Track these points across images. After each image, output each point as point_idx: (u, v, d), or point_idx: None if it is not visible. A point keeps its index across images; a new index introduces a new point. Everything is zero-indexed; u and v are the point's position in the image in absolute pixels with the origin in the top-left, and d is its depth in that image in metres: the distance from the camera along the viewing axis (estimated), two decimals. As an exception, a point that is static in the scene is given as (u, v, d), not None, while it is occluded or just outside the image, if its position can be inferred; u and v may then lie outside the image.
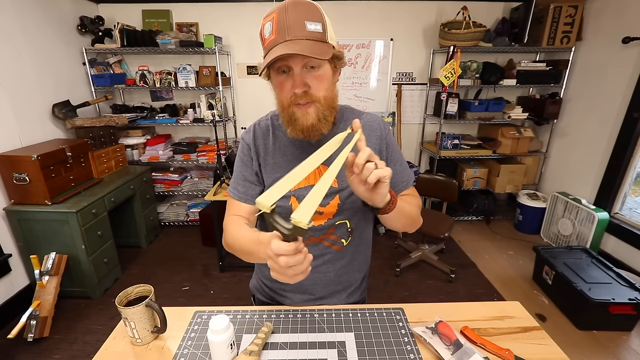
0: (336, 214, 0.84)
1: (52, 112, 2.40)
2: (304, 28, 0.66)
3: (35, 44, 2.27)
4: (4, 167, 1.93)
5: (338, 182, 0.83)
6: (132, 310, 0.70)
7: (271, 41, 0.67)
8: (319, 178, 0.87)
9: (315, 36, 0.67)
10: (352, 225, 0.87)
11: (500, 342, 0.74)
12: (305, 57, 0.66)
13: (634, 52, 2.30)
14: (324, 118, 0.74)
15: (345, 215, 0.85)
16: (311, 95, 0.71)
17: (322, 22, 0.69)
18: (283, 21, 0.66)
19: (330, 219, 0.84)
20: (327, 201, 0.84)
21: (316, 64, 0.69)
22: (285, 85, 0.71)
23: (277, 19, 0.67)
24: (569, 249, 2.33)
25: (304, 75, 0.70)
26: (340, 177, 0.84)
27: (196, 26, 2.99)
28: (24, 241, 2.05)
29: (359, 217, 0.87)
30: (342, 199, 0.83)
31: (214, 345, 0.65)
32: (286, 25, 0.65)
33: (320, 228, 0.85)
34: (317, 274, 0.88)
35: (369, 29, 3.06)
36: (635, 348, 1.80)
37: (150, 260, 2.68)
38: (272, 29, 0.67)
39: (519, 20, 2.78)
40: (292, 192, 0.84)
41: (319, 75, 0.71)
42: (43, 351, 1.78)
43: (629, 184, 2.45)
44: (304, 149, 0.84)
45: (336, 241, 0.87)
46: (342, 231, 0.86)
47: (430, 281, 2.42)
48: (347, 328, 0.78)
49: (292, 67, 0.69)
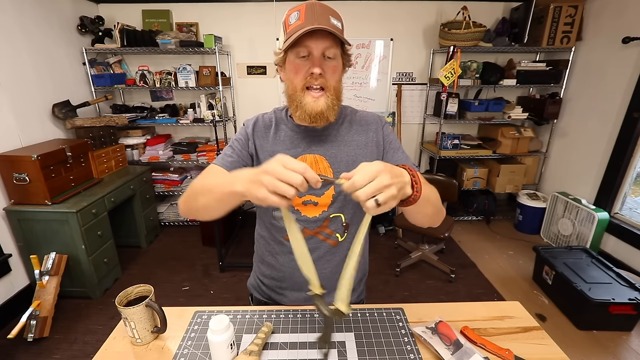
0: (330, 206, 0.85)
1: (52, 112, 2.39)
2: (329, 20, 0.73)
3: (35, 43, 2.27)
4: (4, 167, 1.93)
5: (334, 173, 0.85)
6: (132, 310, 0.71)
7: (298, 25, 0.73)
8: (318, 167, 0.88)
9: (337, 30, 0.75)
10: (346, 219, 0.87)
11: (500, 342, 0.74)
12: (326, 44, 0.74)
13: (634, 52, 2.30)
14: (332, 106, 0.79)
15: (340, 208, 0.86)
16: (325, 80, 0.77)
17: (342, 23, 0.79)
18: (312, 11, 0.73)
19: (324, 210, 0.86)
20: (322, 191, 0.85)
21: (333, 54, 0.76)
22: (302, 68, 0.76)
23: (306, 9, 0.74)
24: (569, 249, 2.33)
25: (322, 60, 0.76)
26: (335, 169, 0.85)
27: (196, 26, 2.99)
28: (24, 241, 2.04)
29: (354, 211, 0.88)
30: (336, 189, 0.85)
31: (214, 345, 0.65)
32: (314, 15, 0.73)
33: (314, 220, 0.86)
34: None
35: (369, 29, 3.06)
36: (635, 348, 1.80)
37: (150, 260, 2.68)
38: (300, 16, 0.74)
39: (519, 20, 2.78)
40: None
41: (333, 66, 0.77)
42: (43, 351, 1.78)
43: (629, 184, 2.45)
44: (308, 135, 0.87)
45: (331, 235, 0.87)
46: (336, 225, 0.87)
47: (430, 281, 2.42)
48: (347, 328, 0.78)
49: (313, 51, 0.74)
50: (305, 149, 0.86)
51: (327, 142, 0.87)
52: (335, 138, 0.87)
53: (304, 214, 0.86)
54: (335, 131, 0.88)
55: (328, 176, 0.60)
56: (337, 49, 0.77)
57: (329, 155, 0.86)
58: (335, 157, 0.86)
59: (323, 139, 0.87)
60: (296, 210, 0.87)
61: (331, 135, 0.87)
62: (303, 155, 0.85)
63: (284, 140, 0.87)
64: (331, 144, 0.87)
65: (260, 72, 3.15)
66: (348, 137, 0.88)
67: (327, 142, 0.87)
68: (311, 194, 0.86)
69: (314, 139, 0.87)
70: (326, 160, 0.86)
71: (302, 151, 0.86)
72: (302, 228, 0.87)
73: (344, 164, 0.85)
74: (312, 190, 0.85)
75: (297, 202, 0.86)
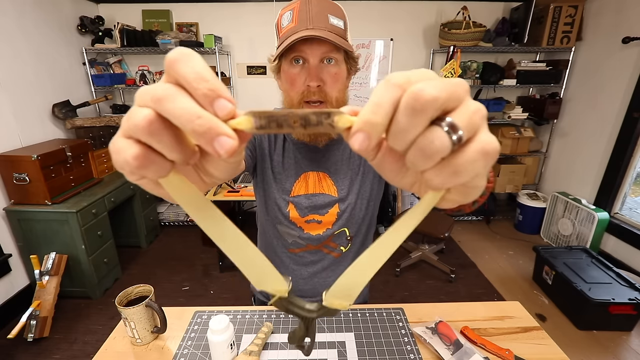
0: (335, 223, 0.83)
1: (52, 112, 2.39)
2: (326, 20, 0.64)
3: (35, 44, 2.27)
4: (4, 167, 1.93)
5: (338, 191, 0.81)
6: (132, 311, 0.71)
7: (290, 29, 0.64)
8: (321, 184, 0.83)
9: (337, 31, 0.65)
10: (351, 233, 0.85)
11: (500, 342, 0.74)
12: (324, 50, 0.64)
13: (633, 52, 2.30)
14: None
15: (345, 224, 0.83)
16: (325, 93, 0.67)
17: (344, 21, 0.68)
18: (306, 11, 0.63)
19: (329, 228, 0.83)
20: (326, 210, 0.82)
21: (334, 57, 0.66)
22: (297, 79, 0.67)
23: (299, 8, 0.64)
24: (569, 249, 2.33)
25: (320, 69, 0.66)
26: (339, 185, 0.81)
27: (196, 26, 2.99)
28: (24, 241, 2.04)
29: (360, 224, 0.85)
30: (341, 208, 0.82)
31: (214, 345, 0.65)
32: (309, 16, 0.63)
33: (318, 238, 0.83)
34: (316, 280, 0.88)
35: (369, 29, 3.06)
36: (635, 348, 1.80)
37: (150, 260, 2.68)
38: (293, 18, 0.64)
39: (519, 20, 2.78)
40: (290, 199, 0.82)
41: (335, 73, 0.67)
42: (43, 351, 1.78)
43: (629, 184, 2.45)
44: (309, 154, 0.81)
45: (335, 248, 0.86)
46: (341, 239, 0.85)
47: (430, 281, 2.42)
48: (347, 328, 0.78)
49: (309, 59, 0.65)
50: (308, 165, 0.81)
51: (330, 159, 0.81)
52: (337, 152, 0.82)
53: (307, 231, 0.83)
54: (337, 149, 0.82)
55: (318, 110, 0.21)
56: (338, 53, 0.67)
57: (332, 171, 0.81)
58: (338, 174, 0.82)
59: (326, 156, 0.81)
60: (298, 228, 0.83)
61: (334, 152, 0.82)
62: (305, 172, 0.81)
63: (286, 151, 0.81)
64: (334, 161, 0.81)
65: (260, 72, 3.15)
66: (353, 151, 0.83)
67: (330, 159, 0.81)
68: (314, 213, 0.81)
69: (317, 155, 0.81)
70: (330, 178, 0.82)
71: (305, 168, 0.81)
72: (306, 244, 0.85)
73: (349, 180, 0.82)
74: (315, 210, 0.81)
75: (300, 221, 0.82)
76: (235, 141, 0.18)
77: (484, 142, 0.18)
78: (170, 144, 0.19)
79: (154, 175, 0.20)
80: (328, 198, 0.82)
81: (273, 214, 0.84)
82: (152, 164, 0.19)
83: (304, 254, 0.87)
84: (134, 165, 0.19)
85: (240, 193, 2.26)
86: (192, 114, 0.18)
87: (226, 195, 2.26)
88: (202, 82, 0.18)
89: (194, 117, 0.18)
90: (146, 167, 0.19)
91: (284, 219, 0.83)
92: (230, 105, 0.19)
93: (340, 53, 0.67)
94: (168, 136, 0.18)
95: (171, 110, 0.18)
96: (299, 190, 0.82)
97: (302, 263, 0.87)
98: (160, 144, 0.19)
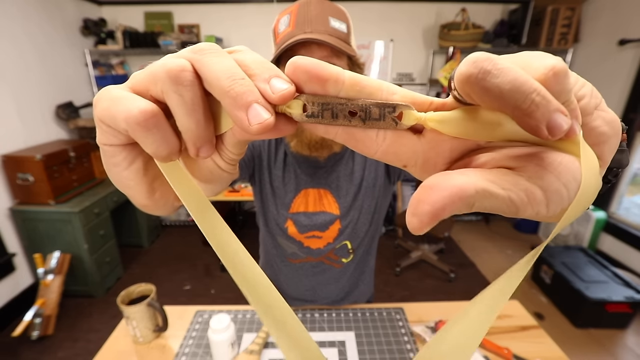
0: (336, 238, 0.80)
1: (55, 113, 2.41)
2: (327, 23, 0.58)
3: (39, 46, 2.29)
4: (9, 167, 1.95)
5: (340, 208, 0.78)
6: (133, 310, 0.71)
7: (287, 34, 0.59)
8: (322, 202, 0.78)
9: (339, 35, 0.59)
10: (353, 246, 0.82)
11: (499, 340, 0.75)
12: (323, 54, 0.57)
13: (630, 53, 2.31)
14: None
15: (347, 238, 0.81)
16: None
17: (347, 24, 0.62)
18: (304, 14, 0.58)
19: (330, 242, 0.80)
20: (327, 227, 0.78)
21: (334, 62, 0.58)
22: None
23: (297, 12, 0.59)
24: (566, 249, 2.35)
25: None
26: (341, 201, 0.78)
27: (197, 27, 3.00)
28: (28, 240, 2.07)
29: (362, 237, 0.82)
30: (343, 224, 0.79)
31: (215, 344, 0.66)
32: (307, 19, 0.58)
33: (318, 251, 0.81)
34: (317, 288, 0.87)
35: (368, 30, 3.07)
36: (630, 345, 1.81)
37: (152, 260, 2.70)
38: (290, 22, 0.59)
39: (517, 22, 2.79)
40: (289, 215, 0.79)
41: None
42: (47, 349, 1.80)
43: (626, 185, 2.47)
44: (309, 169, 0.76)
45: (336, 260, 0.84)
46: (342, 252, 0.83)
47: (430, 281, 2.44)
48: (347, 327, 0.79)
49: None
50: (308, 182, 0.76)
51: (332, 174, 0.77)
52: (339, 167, 0.77)
53: (307, 245, 0.80)
54: (339, 164, 0.77)
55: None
56: (340, 58, 0.61)
57: (333, 187, 0.77)
58: (340, 190, 0.77)
59: (328, 172, 0.77)
60: (298, 242, 0.80)
61: (336, 167, 0.77)
62: (305, 189, 0.77)
63: (287, 165, 0.76)
64: (336, 176, 0.77)
65: (260, 72, 3.16)
66: (356, 161, 0.77)
67: (332, 174, 0.77)
68: (314, 230, 0.78)
69: (318, 170, 0.76)
70: (331, 194, 0.78)
71: (304, 184, 0.77)
72: (306, 256, 0.82)
73: (351, 197, 0.77)
74: (315, 228, 0.78)
75: (300, 237, 0.79)
76: (272, 118, 0.15)
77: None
78: (193, 105, 0.15)
79: (157, 148, 0.15)
80: (329, 216, 0.78)
81: (271, 227, 0.82)
82: (159, 128, 0.15)
83: (304, 265, 0.84)
84: (137, 121, 0.14)
85: (240, 193, 2.28)
86: (235, 72, 0.15)
87: (226, 195, 2.28)
88: (259, 63, 0.16)
89: (237, 76, 0.15)
90: (149, 130, 0.15)
91: (282, 234, 0.81)
92: (289, 86, 0.15)
93: (343, 59, 0.61)
94: (199, 100, 0.15)
95: (212, 65, 0.15)
96: (298, 207, 0.78)
97: (302, 274, 0.85)
98: (182, 107, 0.15)
